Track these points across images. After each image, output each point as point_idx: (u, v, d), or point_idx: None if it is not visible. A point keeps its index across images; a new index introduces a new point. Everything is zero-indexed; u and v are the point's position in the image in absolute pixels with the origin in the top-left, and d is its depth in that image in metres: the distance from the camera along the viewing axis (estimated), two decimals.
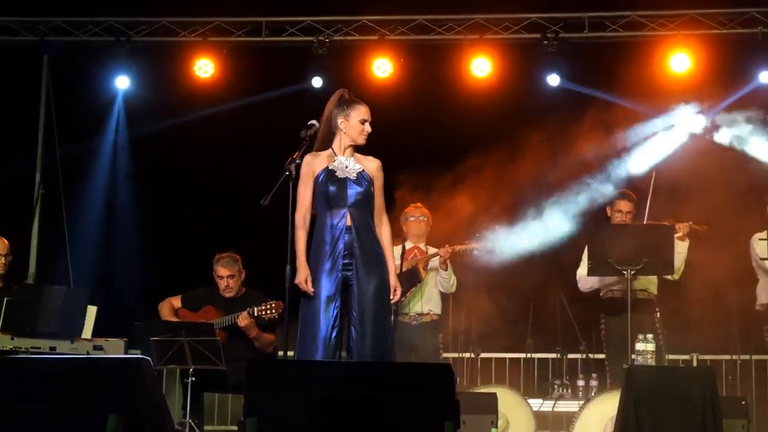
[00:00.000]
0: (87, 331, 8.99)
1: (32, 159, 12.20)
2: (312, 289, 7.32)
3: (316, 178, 7.44)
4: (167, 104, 12.25)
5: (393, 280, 7.54)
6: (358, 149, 7.55)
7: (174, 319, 9.35)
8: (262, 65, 12.14)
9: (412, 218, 9.84)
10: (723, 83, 11.53)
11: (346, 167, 7.46)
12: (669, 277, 9.55)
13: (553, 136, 11.36)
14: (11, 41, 12.29)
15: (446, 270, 9.70)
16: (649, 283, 9.58)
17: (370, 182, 7.49)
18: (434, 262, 9.74)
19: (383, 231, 7.60)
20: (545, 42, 11.70)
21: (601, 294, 9.74)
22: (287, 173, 7.29)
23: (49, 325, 8.71)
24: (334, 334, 7.31)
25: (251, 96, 12.10)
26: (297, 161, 7.35)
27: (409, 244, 9.77)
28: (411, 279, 9.55)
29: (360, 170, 7.48)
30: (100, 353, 8.87)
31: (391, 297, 7.51)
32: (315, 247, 7.43)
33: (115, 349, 8.94)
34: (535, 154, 11.12)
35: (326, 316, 7.31)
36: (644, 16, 11.73)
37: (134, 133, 12.51)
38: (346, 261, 7.38)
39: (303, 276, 7.35)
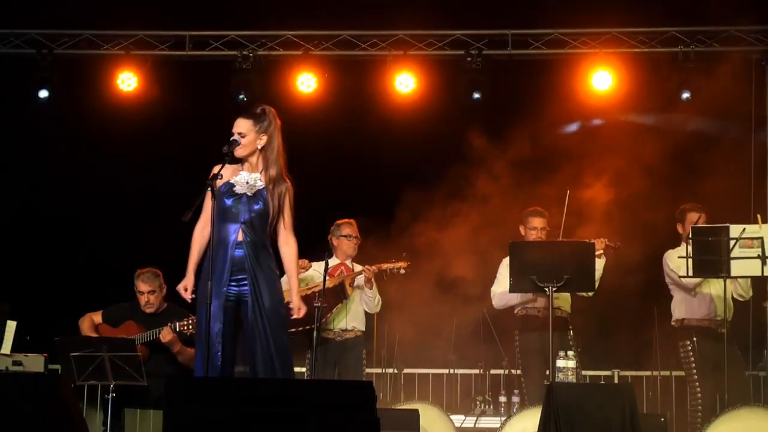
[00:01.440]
0: (6, 347, 8.91)
1: None
2: (189, 298, 7.31)
3: (218, 190, 7.43)
4: (90, 117, 12.14)
5: (296, 300, 7.56)
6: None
7: (94, 335, 9.28)
8: (185, 79, 12.08)
9: (346, 237, 9.83)
10: (645, 101, 11.68)
11: (247, 183, 7.45)
12: (583, 294, 9.63)
13: (476, 152, 11.45)
14: None
15: (371, 288, 9.71)
16: (563, 301, 9.68)
17: (267, 201, 7.45)
18: (360, 279, 9.75)
19: (289, 251, 7.60)
20: (469, 59, 11.75)
21: (515, 311, 9.82)
22: (209, 188, 7.27)
23: None
24: (218, 349, 7.29)
25: (175, 109, 12.04)
26: (219, 176, 7.34)
27: (335, 260, 9.75)
28: (337, 295, 9.54)
29: (261, 187, 7.47)
30: (20, 369, 8.79)
31: (296, 315, 7.52)
32: (207, 261, 7.41)
33: (34, 364, 8.87)
34: (458, 170, 11.19)
35: (215, 332, 7.29)
36: (567, 34, 11.82)
37: (55, 147, 12.38)
38: (238, 276, 7.37)
39: (183, 284, 7.39)
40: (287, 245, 7.59)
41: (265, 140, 7.50)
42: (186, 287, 7.41)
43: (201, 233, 7.47)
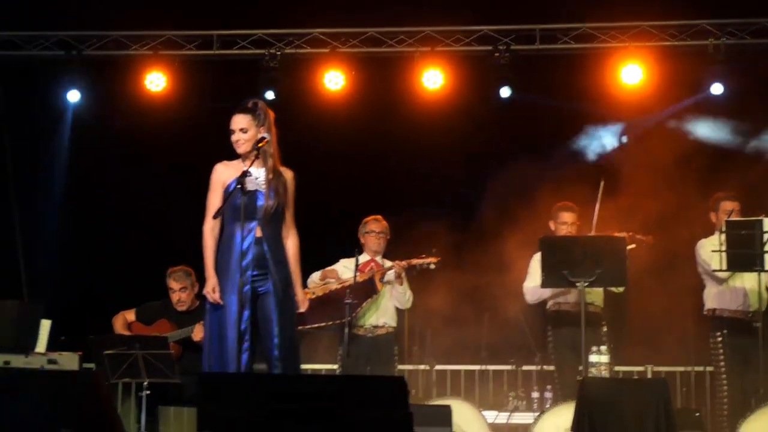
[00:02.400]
0: (41, 345, 8.94)
1: None
2: (220, 300, 7.30)
3: (226, 189, 7.43)
4: (119, 117, 12.19)
5: (299, 294, 7.56)
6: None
7: (128, 333, 9.30)
8: (213, 78, 12.10)
9: (372, 233, 9.82)
10: (675, 95, 11.62)
11: (256, 179, 7.44)
12: (613, 289, 9.58)
13: (504, 147, 11.44)
14: None
15: (401, 285, 9.70)
16: (596, 296, 9.62)
17: (279, 194, 7.48)
18: (390, 275, 9.74)
19: (291, 244, 7.61)
20: (496, 54, 11.73)
21: (547, 306, 9.77)
22: (239, 186, 7.28)
23: (3, 339, 8.67)
24: (245, 346, 7.30)
25: (203, 108, 12.06)
26: (248, 174, 7.34)
27: (365, 257, 9.75)
28: (367, 291, 9.54)
29: (269, 181, 7.47)
30: (55, 367, 8.82)
31: (301, 309, 7.53)
32: (222, 259, 7.43)
33: (69, 362, 8.89)
34: (487, 165, 11.17)
35: (235, 330, 7.29)
36: (595, 28, 11.77)
37: (86, 147, 12.43)
38: (255, 272, 7.37)
39: (211, 285, 7.36)
40: (289, 239, 7.59)
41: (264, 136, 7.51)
42: (214, 288, 7.39)
43: (212, 233, 7.46)
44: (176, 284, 9.41)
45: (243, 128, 7.48)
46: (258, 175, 7.46)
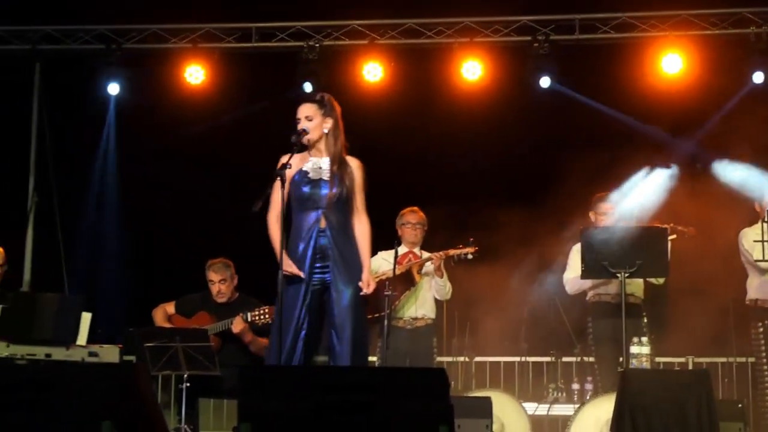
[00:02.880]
0: (82, 338, 8.99)
1: (25, 167, 12.19)
2: (300, 272, 7.31)
3: (291, 180, 7.45)
4: (159, 110, 12.24)
5: (366, 275, 7.51)
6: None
7: (167, 325, 9.34)
8: (252, 71, 12.13)
9: (409, 225, 9.80)
10: (716, 84, 11.54)
11: (320, 168, 7.46)
12: (653, 280, 9.53)
13: (543, 139, 11.39)
14: (3, 50, 12.29)
15: (441, 276, 9.67)
16: (636, 287, 9.56)
17: (345, 183, 7.48)
18: (429, 266, 9.72)
19: (362, 230, 7.58)
20: (536, 44, 11.69)
21: (587, 297, 9.72)
22: (278, 178, 7.28)
23: (44, 332, 8.71)
24: (301, 336, 7.31)
25: (242, 101, 12.10)
26: (288, 166, 7.34)
27: (403, 249, 9.73)
28: (405, 283, 9.53)
29: (334, 171, 7.47)
30: (95, 360, 8.87)
31: (364, 290, 7.48)
32: (288, 249, 7.42)
33: (109, 355, 8.93)
34: (526, 156, 11.13)
35: (295, 321, 7.30)
36: (635, 18, 11.71)
37: (126, 140, 12.49)
38: (320, 264, 7.38)
39: (287, 264, 7.31)
40: (360, 224, 7.58)
41: (331, 124, 7.52)
42: (291, 265, 7.36)
43: (276, 224, 7.45)
44: (216, 276, 9.43)
45: (308, 116, 7.51)
46: (322, 164, 7.48)
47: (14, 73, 12.30)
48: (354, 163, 7.60)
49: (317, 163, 7.49)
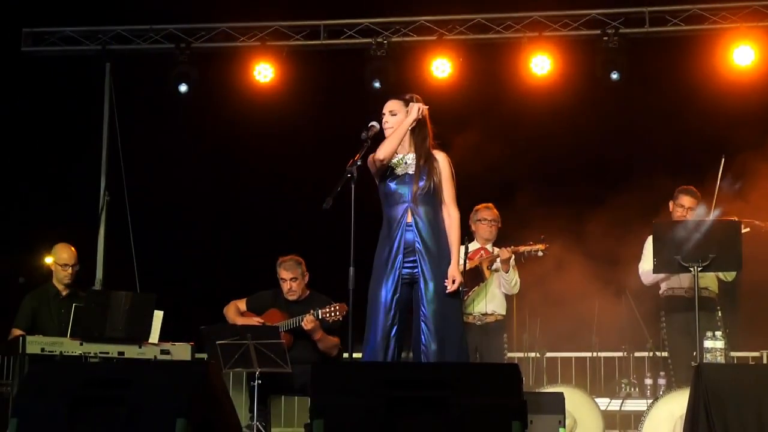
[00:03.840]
0: (154, 336, 9.07)
1: (97, 166, 12.30)
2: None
3: (379, 176, 7.48)
4: (229, 109, 12.31)
5: (452, 270, 7.47)
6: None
7: (240, 322, 9.36)
8: (321, 68, 12.16)
9: (484, 221, 9.76)
10: None
11: (406, 163, 7.46)
12: (722, 276, 9.43)
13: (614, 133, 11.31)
14: (74, 50, 12.42)
15: (507, 271, 9.64)
16: (710, 281, 9.47)
17: (432, 176, 7.47)
18: (497, 262, 9.69)
19: (451, 223, 7.55)
20: (605, 38, 11.62)
21: (660, 292, 9.64)
22: (349, 176, 7.28)
23: (117, 330, 8.80)
24: (393, 332, 7.30)
25: (311, 99, 12.13)
26: (358, 163, 7.34)
27: (475, 245, 9.70)
28: (474, 279, 9.50)
29: (420, 166, 7.47)
30: (168, 357, 8.94)
31: (449, 287, 7.44)
32: (378, 245, 7.46)
33: (182, 353, 9.00)
34: (595, 150, 11.06)
35: (385, 316, 7.30)
36: (706, 9, 11.60)
37: (196, 139, 12.57)
38: (410, 258, 7.38)
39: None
40: (449, 217, 7.56)
41: (413, 123, 7.51)
42: None
43: None
44: (287, 274, 9.45)
45: (392, 111, 7.54)
46: (407, 159, 7.49)
47: (85, 73, 12.43)
48: (440, 156, 7.60)
49: (403, 159, 7.49)
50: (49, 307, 9.54)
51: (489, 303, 9.68)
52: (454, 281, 7.38)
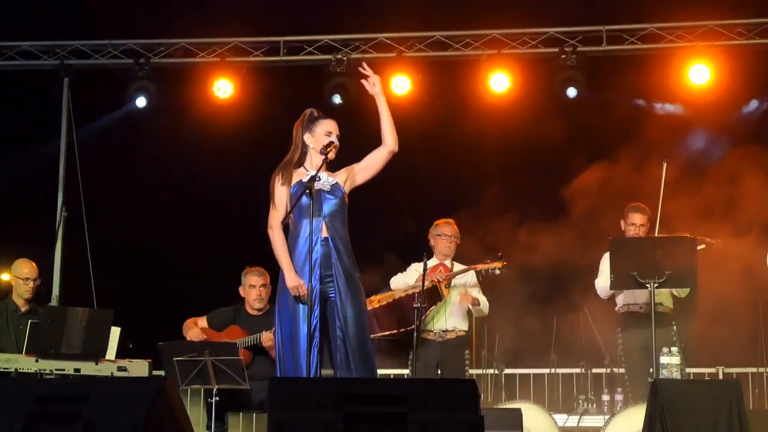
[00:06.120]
0: (111, 353, 9.02)
1: (54, 182, 12.24)
2: (305, 291, 7.30)
3: (290, 191, 7.47)
4: (187, 124, 12.28)
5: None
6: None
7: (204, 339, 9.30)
8: (281, 84, 12.17)
9: (444, 236, 9.76)
10: (744, 94, 11.52)
11: (319, 180, 7.46)
12: (676, 293, 9.50)
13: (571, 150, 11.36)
14: (31, 65, 12.38)
15: (476, 304, 9.65)
16: (665, 297, 9.54)
17: (344, 194, 7.52)
18: (460, 279, 9.68)
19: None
20: (563, 56, 11.70)
21: (616, 308, 9.71)
22: (307, 190, 7.30)
23: (73, 346, 8.75)
24: (314, 343, 7.30)
25: (270, 115, 12.12)
26: (317, 178, 7.35)
27: (434, 261, 9.70)
28: (432, 297, 9.48)
29: (333, 182, 7.52)
30: (125, 374, 8.89)
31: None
32: (291, 260, 7.45)
33: (139, 370, 8.96)
34: (554, 167, 11.10)
35: (306, 330, 7.31)
36: (662, 28, 11.71)
37: (155, 155, 12.53)
38: (322, 272, 7.37)
39: (294, 281, 7.35)
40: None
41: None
42: (300, 284, 7.38)
43: (277, 228, 7.51)
44: (257, 280, 9.37)
45: (336, 133, 7.60)
46: (321, 176, 7.49)
47: (43, 88, 12.38)
48: (346, 170, 7.64)
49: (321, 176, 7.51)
50: (8, 323, 9.48)
51: (449, 319, 9.66)
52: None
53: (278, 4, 12.17)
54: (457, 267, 9.69)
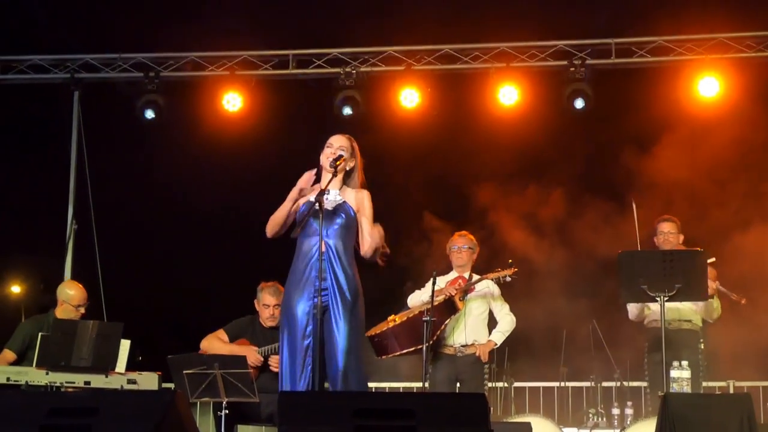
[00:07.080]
0: (121, 365, 9.01)
1: (64, 195, 12.27)
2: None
3: (299, 208, 7.53)
4: (197, 137, 12.30)
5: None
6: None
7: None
8: (290, 97, 12.18)
9: (455, 248, 9.75)
10: (754, 107, 11.50)
11: (327, 199, 7.47)
12: (707, 318, 9.50)
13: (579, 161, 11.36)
14: (42, 79, 12.40)
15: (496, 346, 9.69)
16: (693, 314, 9.51)
17: (349, 213, 7.53)
18: (481, 290, 9.63)
19: (366, 247, 7.60)
20: (572, 69, 11.70)
21: (645, 322, 9.70)
22: (317, 204, 7.31)
23: (83, 359, 8.74)
24: (307, 361, 7.31)
25: (279, 128, 12.15)
26: (327, 192, 7.37)
27: (453, 274, 9.70)
28: (448, 310, 9.45)
29: (341, 202, 7.54)
30: (134, 387, 8.89)
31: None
32: (291, 275, 7.51)
33: (149, 382, 8.95)
34: (563, 180, 11.10)
35: (302, 344, 7.33)
36: (671, 41, 11.71)
37: (165, 168, 12.55)
38: (322, 287, 7.36)
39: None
40: (364, 245, 7.60)
41: (353, 164, 7.64)
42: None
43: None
44: (272, 299, 9.37)
45: (342, 146, 7.63)
46: (329, 196, 7.51)
47: (53, 101, 12.41)
48: (362, 194, 7.65)
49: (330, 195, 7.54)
50: None
51: (470, 335, 9.62)
52: None
53: (287, 17, 12.20)
54: (476, 277, 9.65)
